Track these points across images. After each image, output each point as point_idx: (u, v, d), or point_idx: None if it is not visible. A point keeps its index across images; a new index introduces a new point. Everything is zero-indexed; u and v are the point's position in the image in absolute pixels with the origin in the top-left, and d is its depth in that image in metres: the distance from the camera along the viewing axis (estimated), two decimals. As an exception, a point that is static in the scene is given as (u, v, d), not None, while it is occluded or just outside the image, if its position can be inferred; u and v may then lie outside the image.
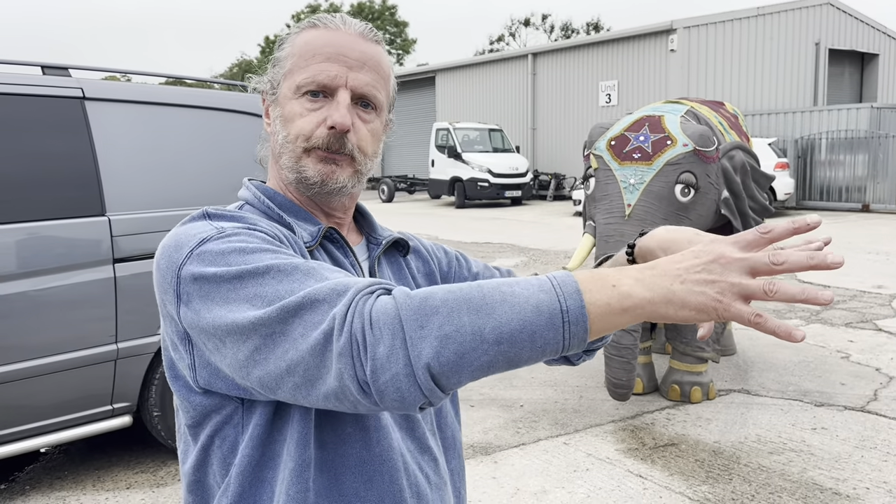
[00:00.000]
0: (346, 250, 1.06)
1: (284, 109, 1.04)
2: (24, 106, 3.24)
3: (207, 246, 0.87)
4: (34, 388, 3.20)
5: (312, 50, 1.03)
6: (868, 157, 16.81)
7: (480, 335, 0.74)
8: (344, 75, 1.02)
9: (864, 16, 23.33)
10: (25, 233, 3.18)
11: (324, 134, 1.01)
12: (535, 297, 0.76)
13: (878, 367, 5.23)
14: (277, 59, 1.07)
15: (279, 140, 1.05)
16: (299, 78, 1.02)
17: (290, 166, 1.04)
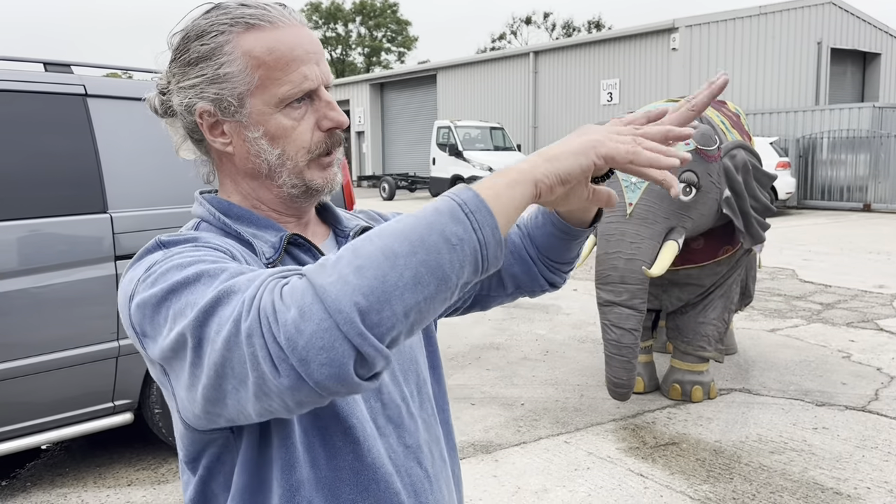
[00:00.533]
0: (313, 251, 1.01)
1: (268, 126, 0.96)
2: (27, 103, 3.24)
3: (152, 269, 0.84)
4: (36, 385, 3.20)
5: (283, 57, 0.94)
6: (870, 157, 16.80)
7: (392, 252, 0.70)
8: (318, 74, 0.97)
9: (866, 15, 23.30)
10: (27, 230, 3.18)
11: (321, 138, 0.98)
12: (431, 206, 0.75)
13: (879, 367, 5.23)
14: (225, 76, 0.95)
15: (271, 160, 0.97)
16: (282, 90, 0.94)
17: (294, 182, 0.99)
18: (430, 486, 1.05)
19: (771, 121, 18.90)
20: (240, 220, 1.00)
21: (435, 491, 1.06)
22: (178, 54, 0.98)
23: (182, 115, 0.99)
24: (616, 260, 4.09)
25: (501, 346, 5.91)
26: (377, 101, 31.79)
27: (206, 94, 0.96)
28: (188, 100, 0.97)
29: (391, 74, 32.04)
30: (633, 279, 4.06)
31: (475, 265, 0.74)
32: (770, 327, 6.43)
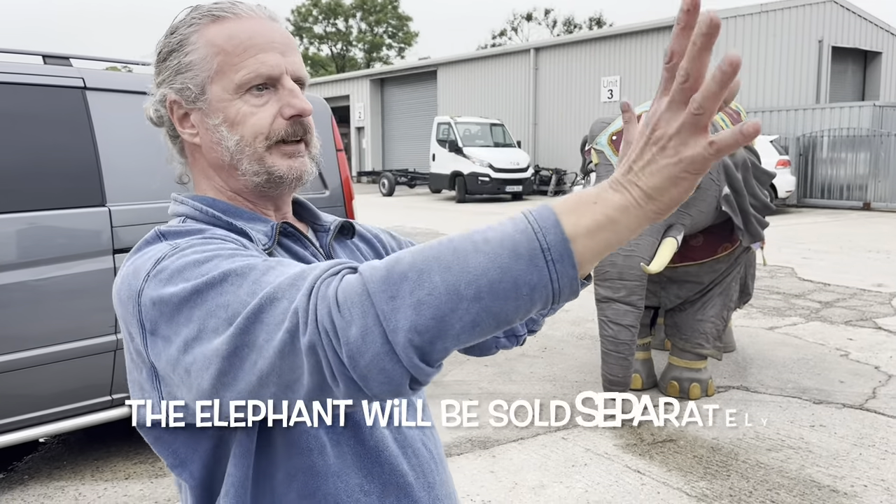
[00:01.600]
0: (304, 241, 1.03)
1: (228, 113, 0.97)
2: (25, 96, 3.23)
3: (163, 264, 0.84)
4: (34, 378, 3.20)
5: (241, 43, 0.96)
6: (870, 156, 16.79)
7: (457, 293, 0.67)
8: (282, 62, 0.98)
9: (867, 13, 23.26)
10: (26, 222, 3.18)
11: (282, 126, 0.98)
12: (511, 239, 0.68)
13: (877, 366, 5.24)
14: (188, 64, 0.98)
15: (230, 146, 0.98)
16: (239, 76, 0.96)
17: (256, 170, 0.98)
18: (436, 466, 1.06)
19: (771, 119, 18.89)
20: (227, 214, 1.00)
21: (440, 472, 1.07)
22: (158, 54, 1.02)
23: (158, 111, 1.02)
24: (614, 256, 4.09)
25: (500, 343, 5.91)
26: (377, 97, 31.75)
27: (173, 84, 0.99)
28: (159, 92, 1.00)
29: (391, 70, 32.00)
30: (632, 276, 4.06)
31: (540, 309, 0.70)
32: (768, 325, 6.43)
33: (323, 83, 33.77)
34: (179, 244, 0.87)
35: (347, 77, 33.02)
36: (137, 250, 0.91)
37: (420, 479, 1.02)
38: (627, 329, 4.07)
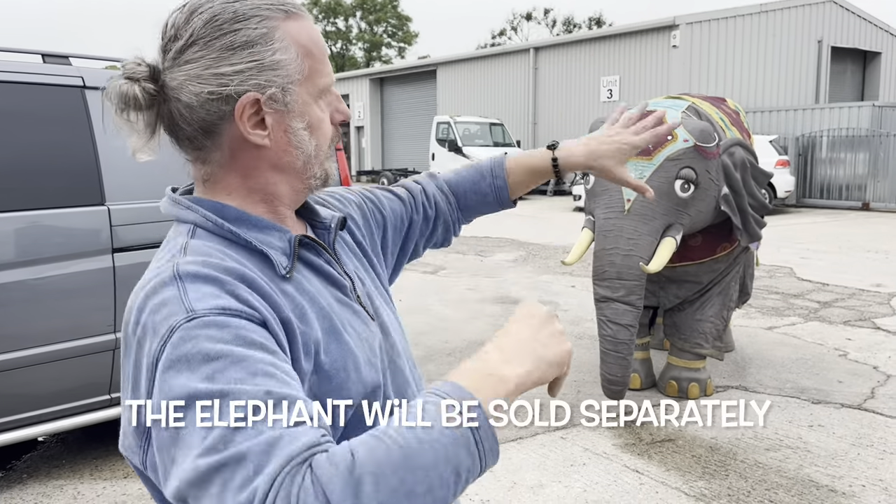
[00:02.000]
0: (318, 249, 1.02)
1: (311, 118, 0.96)
2: (25, 94, 3.23)
3: (176, 337, 0.79)
4: (32, 377, 3.20)
5: (322, 47, 0.97)
6: (869, 156, 16.80)
7: (412, 493, 0.72)
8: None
9: (867, 14, 23.28)
10: (25, 221, 3.18)
11: (334, 131, 1.01)
12: (450, 435, 0.76)
13: (875, 366, 5.24)
14: (278, 63, 0.92)
15: (309, 151, 0.97)
16: (322, 81, 0.96)
17: (320, 174, 1.00)
18: None
19: (770, 119, 18.89)
20: (238, 223, 0.95)
21: None
22: (206, 37, 0.90)
23: (203, 107, 0.91)
24: (613, 256, 4.09)
25: (499, 342, 5.91)
26: (377, 96, 31.74)
27: (256, 80, 0.91)
28: (230, 87, 0.90)
29: (391, 69, 32.00)
30: (631, 275, 4.06)
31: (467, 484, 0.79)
32: (767, 325, 6.44)
33: (322, 82, 33.72)
34: (195, 311, 0.80)
35: (347, 76, 33.01)
36: (154, 292, 0.85)
37: None
38: (626, 329, 4.07)
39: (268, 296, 0.87)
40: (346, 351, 0.95)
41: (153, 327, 0.82)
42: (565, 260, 4.51)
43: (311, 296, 0.96)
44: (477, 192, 1.38)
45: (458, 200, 1.38)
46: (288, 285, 0.94)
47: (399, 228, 1.30)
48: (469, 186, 1.38)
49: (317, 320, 0.94)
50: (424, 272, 9.09)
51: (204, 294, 0.83)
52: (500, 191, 1.38)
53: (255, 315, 0.83)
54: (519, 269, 9.36)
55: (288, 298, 0.91)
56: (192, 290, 0.83)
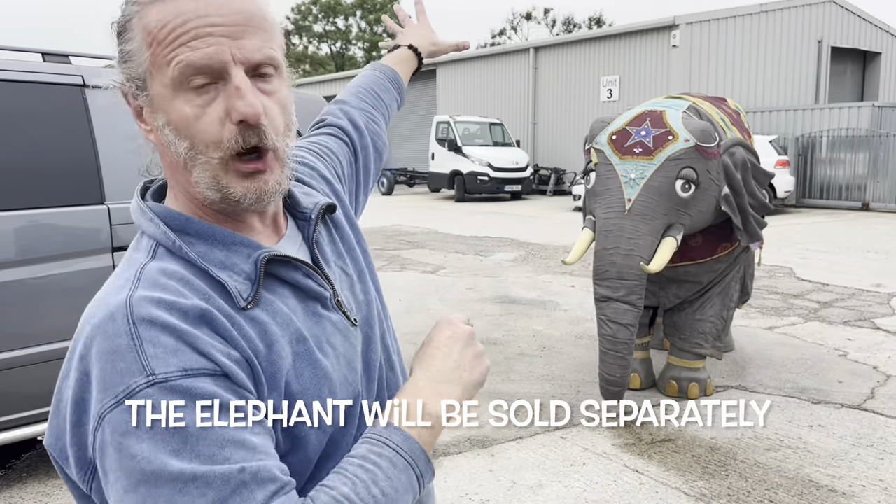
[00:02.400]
0: (296, 264, 0.93)
1: (171, 115, 0.84)
2: (24, 93, 3.23)
3: (135, 404, 0.75)
4: (32, 376, 3.20)
5: (173, 30, 0.81)
6: (868, 156, 16.80)
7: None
8: (227, 48, 0.82)
9: (867, 14, 23.28)
10: (24, 220, 3.18)
11: (233, 132, 0.83)
12: (401, 483, 0.83)
13: (875, 366, 5.24)
14: (128, 53, 0.85)
15: (179, 152, 0.85)
16: (171, 70, 0.82)
17: (210, 184, 0.86)
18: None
19: (770, 119, 18.89)
20: (202, 241, 0.88)
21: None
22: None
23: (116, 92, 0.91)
24: (614, 255, 4.09)
25: (498, 342, 5.91)
26: (377, 96, 31.69)
27: (122, 74, 0.88)
28: (112, 81, 0.90)
29: (391, 69, 31.94)
30: (631, 275, 4.06)
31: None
32: (767, 325, 6.44)
33: (322, 82, 33.75)
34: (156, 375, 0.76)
35: (347, 76, 32.99)
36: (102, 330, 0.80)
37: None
38: (626, 328, 4.06)
39: (227, 334, 0.82)
40: (321, 376, 0.90)
41: (102, 378, 0.77)
42: (566, 259, 4.51)
43: (285, 318, 0.89)
44: (391, 101, 1.57)
45: (384, 116, 1.52)
46: (257, 311, 0.87)
47: (351, 174, 1.32)
48: (387, 100, 1.54)
49: (289, 345, 0.88)
50: (424, 272, 9.09)
51: (163, 349, 0.77)
52: (402, 91, 1.62)
53: (217, 370, 0.79)
54: (519, 269, 9.35)
55: (256, 326, 0.85)
56: (149, 342, 0.77)
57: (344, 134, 1.34)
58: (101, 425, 0.76)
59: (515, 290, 7.98)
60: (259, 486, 0.76)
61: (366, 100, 1.46)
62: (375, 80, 1.52)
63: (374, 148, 1.39)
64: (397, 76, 1.58)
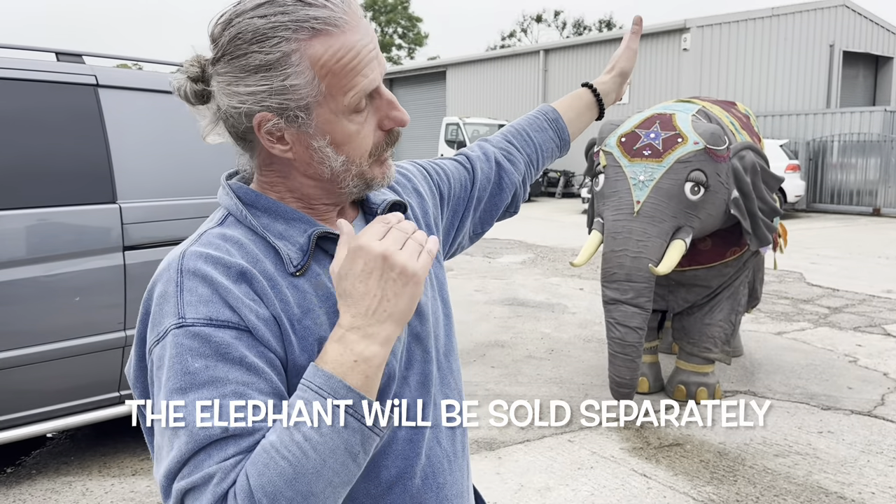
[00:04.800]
0: None
1: (335, 135, 0.94)
2: (38, 92, 3.25)
3: (166, 340, 0.87)
4: (42, 374, 3.22)
5: (349, 63, 0.91)
6: (880, 161, 16.70)
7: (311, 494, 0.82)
8: (378, 69, 0.94)
9: (879, 18, 23.15)
10: (36, 218, 3.20)
11: (381, 138, 0.97)
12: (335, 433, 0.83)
13: (885, 372, 5.21)
14: (292, 87, 0.90)
15: (335, 166, 0.96)
16: (348, 98, 0.92)
17: (358, 184, 0.99)
18: (449, 465, 1.05)
19: (781, 123, 18.81)
20: (267, 214, 0.98)
21: (455, 471, 1.06)
22: (229, 55, 0.91)
23: (232, 116, 0.94)
24: (622, 258, 4.08)
25: (506, 344, 5.91)
26: (386, 97, 31.73)
27: (267, 103, 0.91)
28: (245, 106, 0.92)
29: (401, 70, 32.03)
30: (640, 277, 4.05)
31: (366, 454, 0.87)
32: (777, 330, 6.41)
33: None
34: (185, 319, 0.87)
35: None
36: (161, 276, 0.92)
37: (429, 480, 1.02)
38: (635, 331, 4.05)
39: (263, 293, 0.91)
40: None
41: (153, 319, 0.90)
42: (574, 261, 4.50)
43: (326, 292, 0.96)
44: (545, 141, 1.43)
45: (530, 156, 1.41)
46: (301, 280, 0.95)
47: (463, 198, 1.32)
48: (538, 139, 1.42)
49: (326, 316, 0.95)
50: (432, 273, 9.08)
51: (196, 298, 0.88)
52: (563, 132, 1.45)
53: (241, 324, 0.88)
54: (527, 271, 9.34)
55: (297, 293, 0.94)
56: (188, 290, 0.88)
57: (467, 161, 1.35)
58: (150, 357, 0.90)
59: (524, 293, 7.97)
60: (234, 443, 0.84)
61: (511, 139, 1.41)
62: (530, 120, 1.45)
63: (497, 181, 1.36)
64: (557, 116, 1.45)
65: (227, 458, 0.83)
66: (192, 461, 0.83)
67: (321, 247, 0.98)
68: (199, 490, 0.82)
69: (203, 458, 0.83)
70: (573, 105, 1.47)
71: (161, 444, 0.87)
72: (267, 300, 0.91)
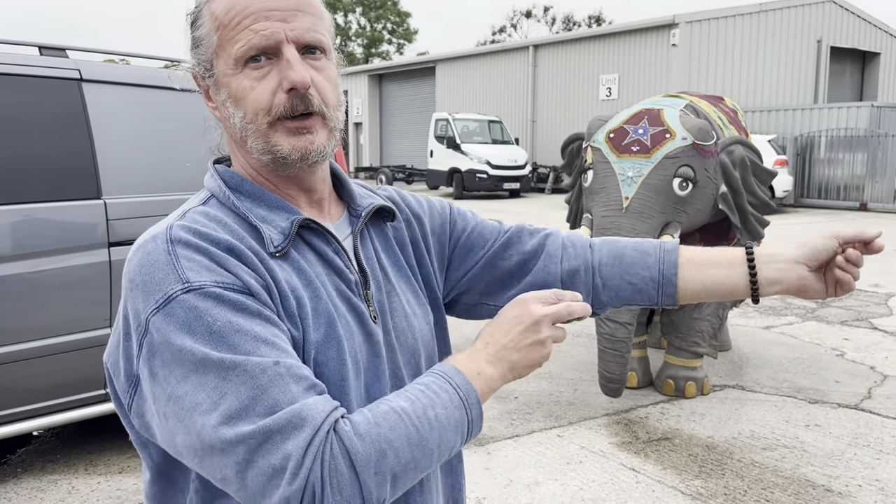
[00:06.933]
0: (326, 237, 1.00)
1: (231, 89, 0.95)
2: (21, 87, 3.21)
3: (173, 306, 0.83)
4: (27, 371, 3.19)
5: (237, 14, 0.93)
6: (867, 156, 16.81)
7: (419, 467, 0.87)
8: (281, 29, 0.93)
9: (866, 14, 23.29)
10: (20, 215, 3.16)
11: (283, 100, 0.93)
12: (454, 417, 0.90)
13: (872, 366, 5.24)
14: (199, 39, 0.97)
15: (237, 123, 0.96)
16: (233, 49, 0.93)
17: (261, 148, 0.95)
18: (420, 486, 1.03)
19: (769, 118, 18.90)
20: (251, 199, 0.98)
21: (425, 492, 1.04)
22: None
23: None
24: None
25: (496, 340, 5.90)
26: (375, 93, 31.70)
27: (194, 59, 1.00)
28: (193, 69, 1.01)
29: (390, 66, 31.95)
30: None
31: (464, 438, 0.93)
32: (764, 324, 6.44)
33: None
34: (191, 282, 0.84)
35: (346, 72, 32.92)
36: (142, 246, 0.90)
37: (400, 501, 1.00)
38: (624, 326, 4.06)
39: (253, 265, 0.90)
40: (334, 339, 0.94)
41: (143, 285, 0.86)
42: None
43: (308, 277, 0.96)
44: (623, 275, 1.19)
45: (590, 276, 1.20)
46: (283, 262, 0.94)
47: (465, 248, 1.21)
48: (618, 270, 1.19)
49: (308, 299, 0.94)
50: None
51: (197, 265, 0.86)
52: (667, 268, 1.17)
53: (245, 288, 0.87)
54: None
55: (281, 272, 0.93)
56: (185, 257, 0.87)
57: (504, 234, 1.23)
58: (147, 330, 0.85)
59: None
60: (294, 380, 0.83)
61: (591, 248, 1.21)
62: (637, 246, 1.20)
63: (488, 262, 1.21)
64: (673, 272, 1.16)
65: (299, 393, 0.82)
66: (261, 399, 0.80)
67: (302, 236, 0.98)
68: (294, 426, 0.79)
69: (276, 397, 0.80)
70: (711, 257, 1.18)
71: (197, 401, 0.81)
72: (257, 271, 0.90)
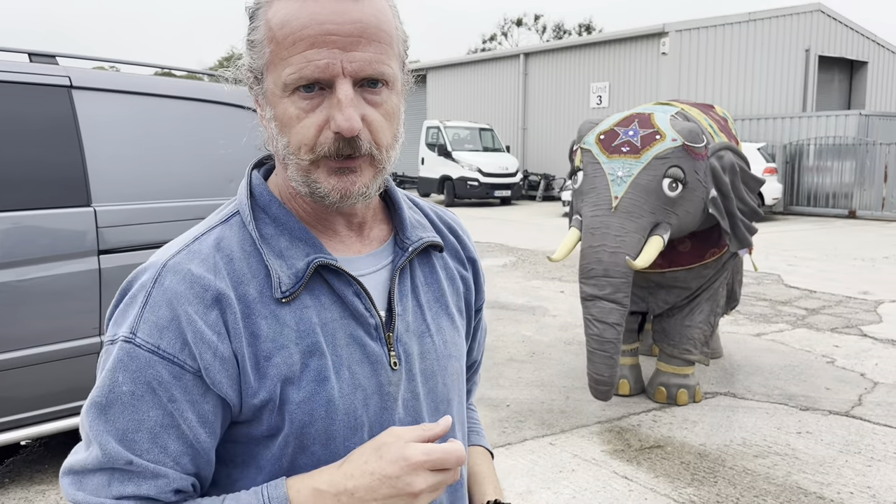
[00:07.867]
0: (351, 281, 0.91)
1: (277, 110, 0.86)
2: (10, 94, 3.19)
3: (114, 349, 0.86)
4: (15, 380, 3.16)
5: (291, 33, 0.82)
6: (855, 164, 16.93)
7: None
8: (338, 61, 0.81)
9: (854, 23, 23.49)
10: (9, 222, 3.13)
11: (329, 140, 0.83)
12: None
13: (862, 373, 5.26)
14: (253, 43, 0.87)
15: (279, 147, 0.87)
16: (284, 73, 0.83)
17: (300, 180, 0.87)
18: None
19: (758, 127, 19.01)
20: (275, 224, 0.91)
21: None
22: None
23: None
24: (600, 253, 4.07)
25: (488, 347, 5.90)
26: (367, 100, 31.64)
27: (246, 59, 0.89)
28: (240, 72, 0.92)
29: (381, 73, 31.92)
30: (617, 273, 4.04)
31: None
32: (755, 332, 6.46)
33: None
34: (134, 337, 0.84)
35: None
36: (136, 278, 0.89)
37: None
38: (613, 327, 4.04)
39: (232, 325, 0.85)
40: (323, 397, 0.89)
41: (118, 315, 0.88)
42: (551, 256, 4.50)
43: (308, 329, 0.89)
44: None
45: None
46: (285, 309, 0.88)
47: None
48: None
49: (300, 355, 0.88)
50: (413, 276, 9.05)
51: (154, 319, 0.84)
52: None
53: (187, 364, 0.84)
54: (508, 274, 9.35)
55: (274, 326, 0.87)
56: (151, 306, 0.85)
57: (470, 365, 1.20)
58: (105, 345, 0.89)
59: (505, 296, 7.97)
60: (134, 483, 0.83)
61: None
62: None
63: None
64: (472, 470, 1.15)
65: (123, 495, 0.83)
66: (95, 476, 0.84)
67: (321, 274, 0.91)
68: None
69: (104, 483, 0.84)
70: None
71: (83, 436, 0.88)
72: (233, 335, 0.85)
